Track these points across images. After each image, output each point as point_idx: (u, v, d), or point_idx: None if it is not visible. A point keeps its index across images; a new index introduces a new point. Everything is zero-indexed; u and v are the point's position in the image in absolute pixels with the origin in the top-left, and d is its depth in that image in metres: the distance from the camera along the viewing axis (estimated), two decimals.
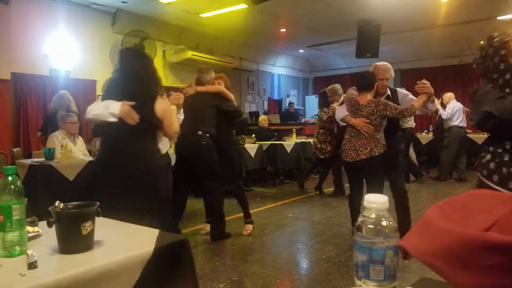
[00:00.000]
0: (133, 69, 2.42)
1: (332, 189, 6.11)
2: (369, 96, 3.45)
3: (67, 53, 6.79)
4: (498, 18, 7.58)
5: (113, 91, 2.41)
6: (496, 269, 0.50)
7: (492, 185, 1.54)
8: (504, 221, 0.57)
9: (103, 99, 2.43)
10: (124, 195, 2.22)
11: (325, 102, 5.77)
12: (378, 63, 3.64)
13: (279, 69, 12.68)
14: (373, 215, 0.64)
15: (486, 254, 0.50)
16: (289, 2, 6.75)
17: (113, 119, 2.27)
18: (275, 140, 7.20)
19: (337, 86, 5.78)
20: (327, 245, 3.72)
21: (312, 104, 11.62)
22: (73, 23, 6.84)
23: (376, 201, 0.64)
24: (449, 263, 0.53)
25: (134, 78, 2.39)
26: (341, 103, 6.22)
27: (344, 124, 3.79)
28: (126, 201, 2.16)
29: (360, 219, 0.65)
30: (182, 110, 3.24)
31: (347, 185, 3.96)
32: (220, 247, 3.71)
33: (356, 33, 8.17)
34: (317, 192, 6.11)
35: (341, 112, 3.67)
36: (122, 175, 2.27)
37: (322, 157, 5.74)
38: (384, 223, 0.63)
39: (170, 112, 2.51)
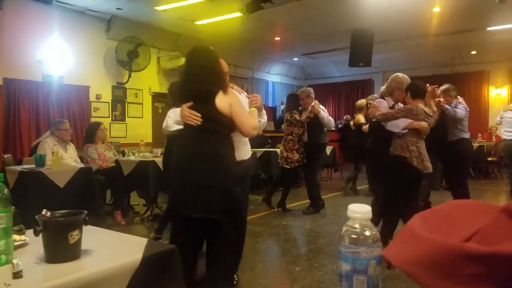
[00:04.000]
0: (193, 67, 2.27)
1: (298, 203, 5.67)
2: (422, 105, 3.50)
3: (60, 59, 6.77)
4: (488, 28, 7.71)
5: (179, 95, 2.38)
6: (475, 278, 0.50)
7: None
8: (484, 231, 0.57)
9: (171, 105, 2.48)
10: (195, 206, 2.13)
11: (295, 105, 5.34)
12: (402, 75, 3.76)
13: (274, 76, 12.73)
14: (357, 225, 0.64)
15: (466, 264, 0.51)
16: (284, 10, 6.80)
17: (179, 127, 2.25)
18: (269, 147, 7.21)
19: (310, 89, 5.42)
20: (320, 253, 3.70)
21: None
22: (68, 29, 6.84)
23: (360, 211, 0.64)
24: (429, 272, 0.53)
25: (193, 76, 2.24)
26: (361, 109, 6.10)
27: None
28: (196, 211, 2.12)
29: (344, 228, 0.65)
30: (263, 112, 2.79)
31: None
32: None
33: (349, 42, 8.24)
34: (279, 209, 5.41)
35: (402, 121, 3.45)
36: (191, 181, 2.14)
37: (287, 167, 5.12)
38: (367, 233, 0.63)
39: (237, 105, 2.24)
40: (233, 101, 2.23)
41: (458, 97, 4.84)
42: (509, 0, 5.36)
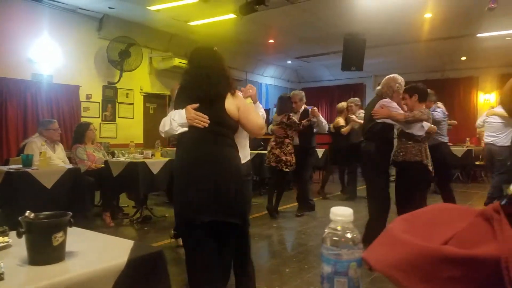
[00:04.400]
0: (200, 68, 2.20)
1: (291, 205, 5.59)
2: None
3: (50, 58, 6.69)
4: (478, 35, 7.81)
5: (183, 96, 2.23)
6: (452, 281, 0.51)
7: None
8: (461, 235, 0.58)
9: (175, 107, 2.25)
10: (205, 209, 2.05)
11: (288, 107, 5.27)
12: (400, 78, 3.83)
13: (268, 79, 12.75)
14: (339, 228, 0.64)
15: (443, 267, 0.51)
16: (278, 13, 6.82)
17: (184, 129, 2.12)
18: (261, 150, 7.21)
19: (302, 93, 5.48)
20: (310, 255, 3.72)
21: None
22: (58, 27, 6.77)
23: (342, 214, 0.65)
24: (408, 275, 0.53)
25: (200, 77, 2.16)
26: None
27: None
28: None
29: (326, 231, 0.66)
30: (258, 103, 2.82)
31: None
32: None
33: (342, 46, 8.29)
34: (272, 213, 5.30)
35: (426, 125, 3.53)
36: (201, 182, 2.07)
37: (287, 170, 5.04)
38: (348, 235, 0.64)
39: (245, 108, 2.23)
40: (240, 104, 2.21)
41: (438, 102, 4.95)
42: (498, 8, 5.43)
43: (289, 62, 11.88)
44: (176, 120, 2.11)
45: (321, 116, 5.32)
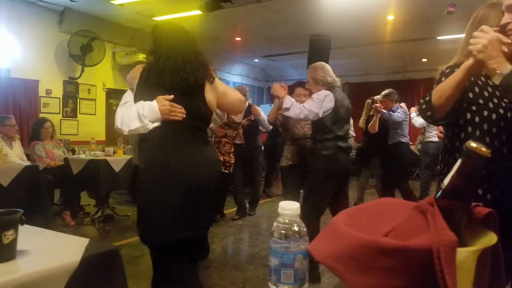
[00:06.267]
0: (173, 51, 1.84)
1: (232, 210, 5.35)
2: None
3: (8, 51, 6.40)
4: (438, 38, 8.14)
5: (149, 83, 1.84)
6: (387, 271, 0.54)
7: None
8: (399, 227, 0.61)
9: (136, 96, 1.88)
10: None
11: None
12: None
13: (235, 77, 12.73)
14: (286, 221, 0.67)
15: (379, 257, 0.54)
16: (245, 11, 6.83)
17: (156, 125, 1.77)
18: None
19: (246, 88, 5.19)
20: None
21: (266, 112, 11.74)
22: (17, 20, 6.47)
23: (289, 208, 0.67)
24: (347, 266, 0.56)
25: (175, 61, 1.81)
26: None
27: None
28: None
29: (274, 224, 0.68)
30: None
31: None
32: None
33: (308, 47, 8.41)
34: (218, 216, 4.95)
35: None
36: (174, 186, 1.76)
37: (226, 171, 4.69)
38: (295, 228, 0.66)
39: (224, 88, 2.00)
40: (219, 93, 1.95)
41: (401, 103, 5.11)
42: (457, 11, 5.66)
43: (256, 60, 11.93)
44: (147, 116, 1.74)
45: (263, 114, 4.91)
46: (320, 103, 2.86)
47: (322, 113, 2.86)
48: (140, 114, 1.76)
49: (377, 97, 5.09)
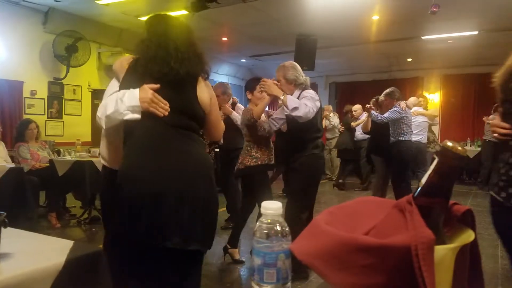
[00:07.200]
0: (165, 37, 1.65)
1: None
2: None
3: None
4: (423, 37, 8.25)
5: (137, 73, 1.64)
6: (367, 269, 0.54)
7: None
8: (379, 226, 0.62)
9: (121, 87, 1.66)
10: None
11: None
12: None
13: (222, 77, 12.69)
14: (269, 221, 0.67)
15: (359, 256, 0.55)
16: (231, 11, 6.82)
17: (134, 116, 1.53)
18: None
19: (228, 85, 4.71)
20: None
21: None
22: (0, 20, 6.36)
23: (272, 207, 0.68)
24: (327, 264, 0.57)
25: (165, 49, 1.61)
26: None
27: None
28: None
29: (257, 224, 0.68)
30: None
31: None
32: None
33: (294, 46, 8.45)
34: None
35: None
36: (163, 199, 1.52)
37: None
38: (278, 228, 0.67)
39: (216, 103, 1.80)
40: (213, 94, 1.75)
41: (400, 102, 5.08)
42: (441, 12, 5.75)
43: (243, 60, 11.92)
44: (125, 102, 1.52)
45: (234, 113, 4.42)
46: (313, 101, 2.89)
47: (315, 112, 2.88)
48: (118, 98, 1.55)
49: (382, 97, 5.17)
